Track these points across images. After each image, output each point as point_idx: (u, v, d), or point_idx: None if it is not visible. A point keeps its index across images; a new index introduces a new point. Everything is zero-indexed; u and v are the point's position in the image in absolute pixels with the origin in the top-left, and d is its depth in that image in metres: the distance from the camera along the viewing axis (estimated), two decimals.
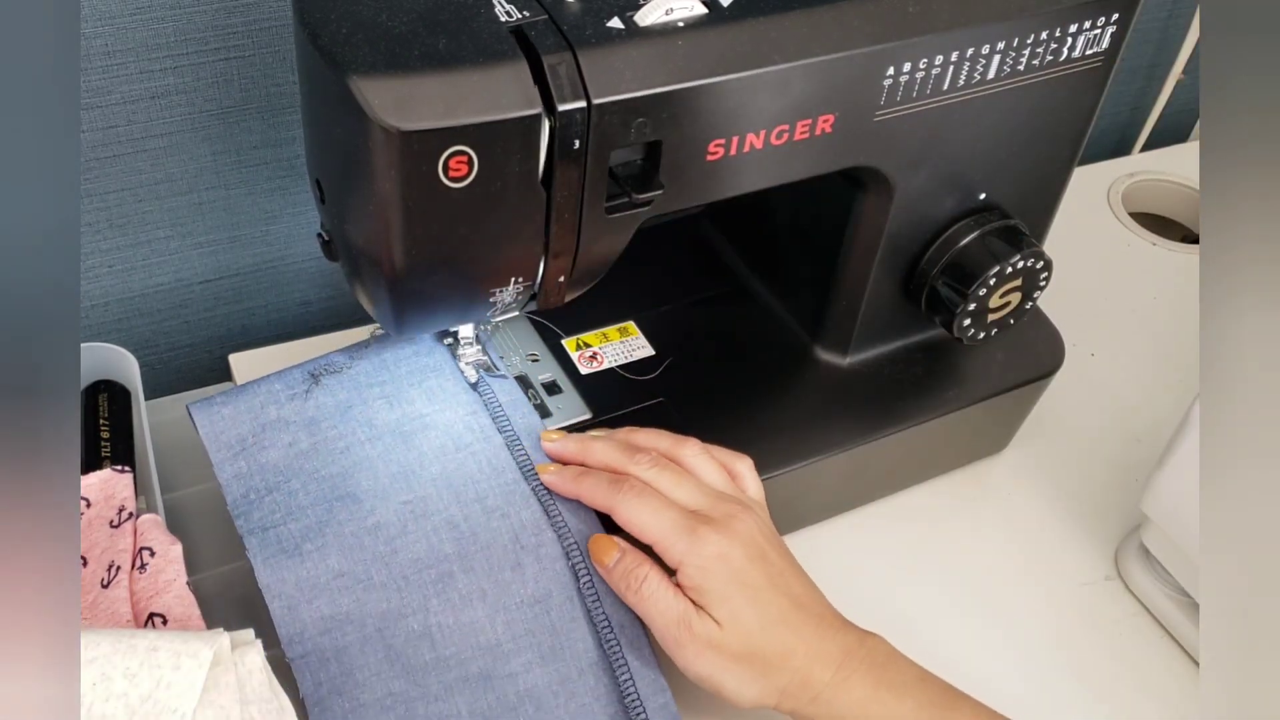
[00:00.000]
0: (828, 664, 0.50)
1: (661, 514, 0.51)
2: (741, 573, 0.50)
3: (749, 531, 0.52)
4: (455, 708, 0.51)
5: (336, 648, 0.52)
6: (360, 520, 0.54)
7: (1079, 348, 0.79)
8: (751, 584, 0.50)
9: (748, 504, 0.54)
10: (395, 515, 0.54)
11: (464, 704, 0.51)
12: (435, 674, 0.52)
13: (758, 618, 0.50)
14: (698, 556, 0.50)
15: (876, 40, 0.50)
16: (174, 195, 0.68)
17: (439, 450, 0.56)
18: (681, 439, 0.56)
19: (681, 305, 0.69)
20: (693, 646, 0.50)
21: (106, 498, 0.56)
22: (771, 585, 0.51)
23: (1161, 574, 0.64)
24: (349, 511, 0.54)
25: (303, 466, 0.55)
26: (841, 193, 0.59)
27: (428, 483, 0.55)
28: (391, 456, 0.56)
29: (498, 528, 0.54)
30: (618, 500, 0.52)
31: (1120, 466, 0.73)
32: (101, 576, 0.53)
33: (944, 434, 0.67)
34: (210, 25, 0.62)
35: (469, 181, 0.45)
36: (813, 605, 0.52)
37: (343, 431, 0.56)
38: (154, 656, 0.44)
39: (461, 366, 0.60)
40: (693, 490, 0.53)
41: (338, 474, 0.55)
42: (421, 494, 0.55)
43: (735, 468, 0.57)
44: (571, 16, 0.46)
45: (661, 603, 0.50)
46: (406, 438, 0.56)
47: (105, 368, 0.66)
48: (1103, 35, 0.56)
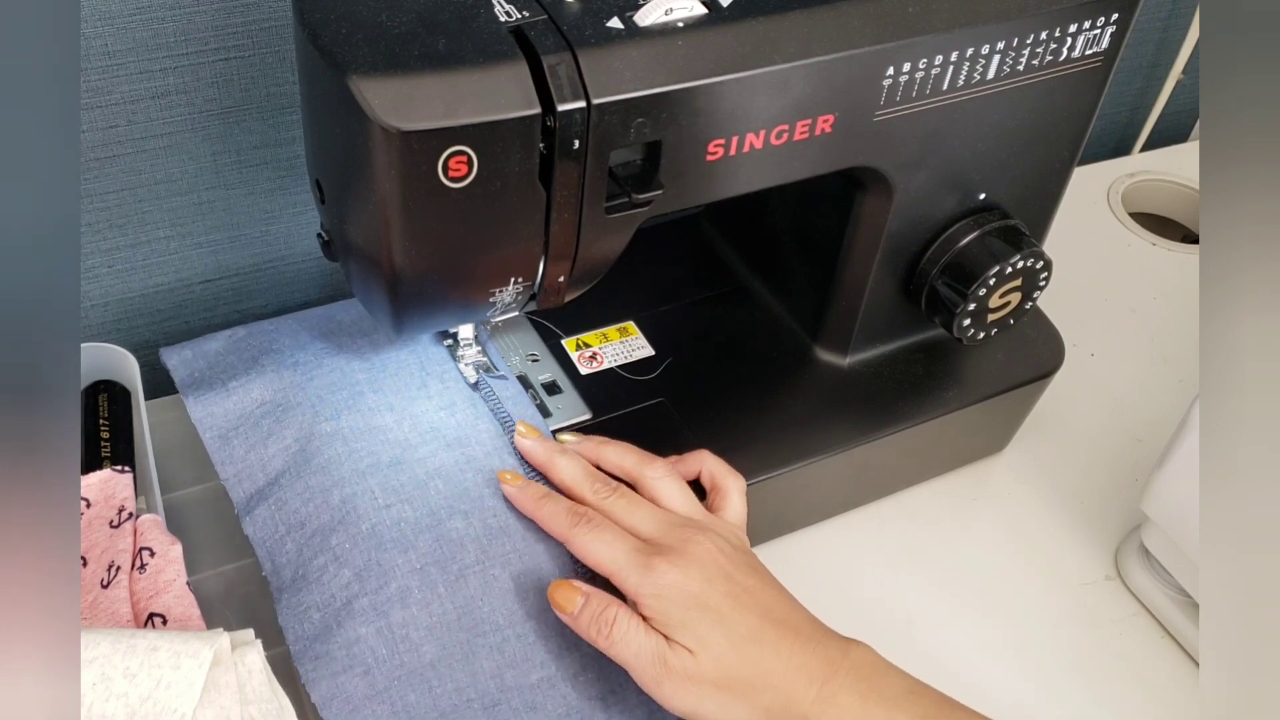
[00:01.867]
0: (811, 679, 0.48)
1: (615, 546, 0.51)
2: (701, 596, 0.49)
3: (706, 554, 0.50)
4: (368, 487, 0.53)
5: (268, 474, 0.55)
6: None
7: (1079, 348, 0.79)
8: (713, 606, 0.49)
9: (707, 526, 0.52)
10: None
11: (375, 484, 0.54)
12: (348, 463, 0.55)
13: (726, 639, 0.48)
14: (653, 587, 0.49)
15: (876, 40, 0.50)
16: (174, 195, 0.68)
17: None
18: (648, 459, 0.56)
19: (681, 305, 0.69)
20: (670, 681, 0.48)
21: (106, 498, 0.56)
22: (737, 604, 0.49)
23: (1161, 574, 0.64)
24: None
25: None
26: (841, 193, 0.59)
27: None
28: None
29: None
30: (573, 534, 0.52)
31: (1120, 466, 0.73)
32: (101, 576, 0.53)
33: (944, 434, 0.67)
34: (210, 25, 0.62)
35: (469, 181, 0.45)
36: (788, 619, 0.50)
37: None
38: (154, 656, 0.44)
39: (461, 367, 0.60)
40: (648, 518, 0.52)
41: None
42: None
43: (723, 484, 0.56)
44: (571, 16, 0.46)
45: (634, 644, 0.49)
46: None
47: (105, 368, 0.66)
48: (1102, 35, 0.56)
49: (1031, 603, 0.66)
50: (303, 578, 0.52)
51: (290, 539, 0.53)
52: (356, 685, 0.49)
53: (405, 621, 0.50)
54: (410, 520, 0.53)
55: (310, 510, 0.54)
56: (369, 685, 0.49)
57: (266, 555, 0.53)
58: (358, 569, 0.51)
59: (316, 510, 0.53)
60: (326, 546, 0.52)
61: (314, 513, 0.53)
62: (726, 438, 0.61)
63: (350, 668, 0.49)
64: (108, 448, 0.62)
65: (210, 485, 0.64)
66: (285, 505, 0.54)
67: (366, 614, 0.50)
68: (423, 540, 0.52)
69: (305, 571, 0.52)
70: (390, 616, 0.50)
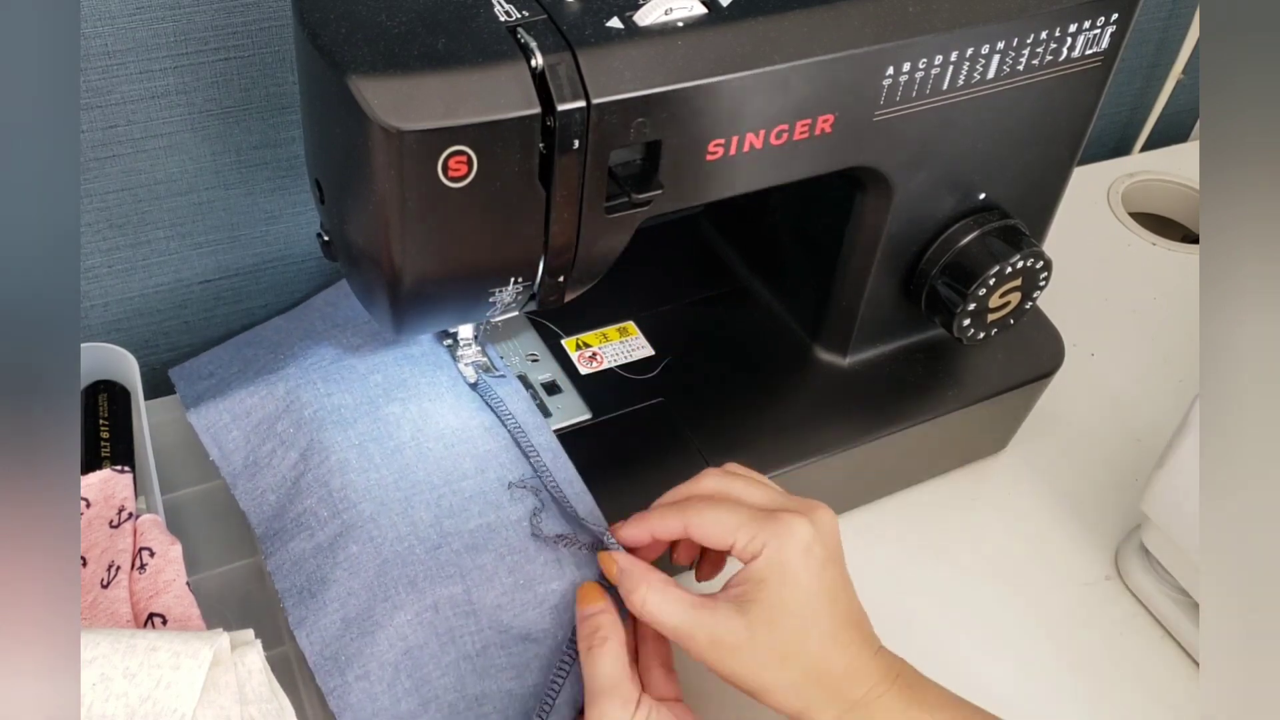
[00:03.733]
0: (863, 681, 0.48)
1: (737, 510, 0.49)
2: (809, 576, 0.48)
3: (831, 526, 0.50)
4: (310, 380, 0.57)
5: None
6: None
7: (1079, 348, 0.79)
8: (812, 592, 0.48)
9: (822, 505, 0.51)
10: None
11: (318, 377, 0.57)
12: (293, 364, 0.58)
13: (799, 629, 0.48)
14: (782, 540, 0.47)
15: (876, 40, 0.50)
16: (174, 195, 0.68)
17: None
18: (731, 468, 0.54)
19: (681, 305, 0.69)
20: (713, 651, 0.48)
21: (106, 498, 0.56)
22: (831, 597, 0.49)
23: (1161, 574, 0.64)
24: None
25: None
26: (841, 193, 0.59)
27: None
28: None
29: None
30: (689, 516, 0.50)
31: (1120, 466, 0.73)
32: (101, 576, 0.53)
33: (944, 434, 0.67)
34: (210, 25, 0.62)
35: (469, 181, 0.45)
36: (862, 624, 0.50)
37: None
38: (154, 656, 0.44)
39: (461, 367, 0.60)
40: (765, 491, 0.51)
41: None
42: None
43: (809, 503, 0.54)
44: (571, 16, 0.46)
45: (667, 607, 0.48)
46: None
47: (105, 368, 0.66)
48: (1102, 35, 0.56)
49: (1031, 603, 0.66)
50: (254, 463, 0.56)
51: (236, 427, 0.57)
52: (303, 547, 0.53)
53: (344, 485, 0.54)
54: (350, 405, 0.57)
55: (255, 401, 0.57)
56: (314, 545, 0.53)
57: (213, 443, 0.57)
58: (302, 449, 0.55)
59: (262, 401, 0.57)
60: (273, 433, 0.56)
61: (259, 403, 0.57)
62: (726, 438, 0.61)
63: (297, 535, 0.53)
64: (108, 448, 0.62)
65: (210, 485, 0.64)
66: (230, 396, 0.58)
67: (311, 487, 0.54)
68: (361, 422, 0.56)
69: (255, 457, 0.56)
70: (330, 484, 0.54)
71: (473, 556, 0.53)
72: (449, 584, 0.52)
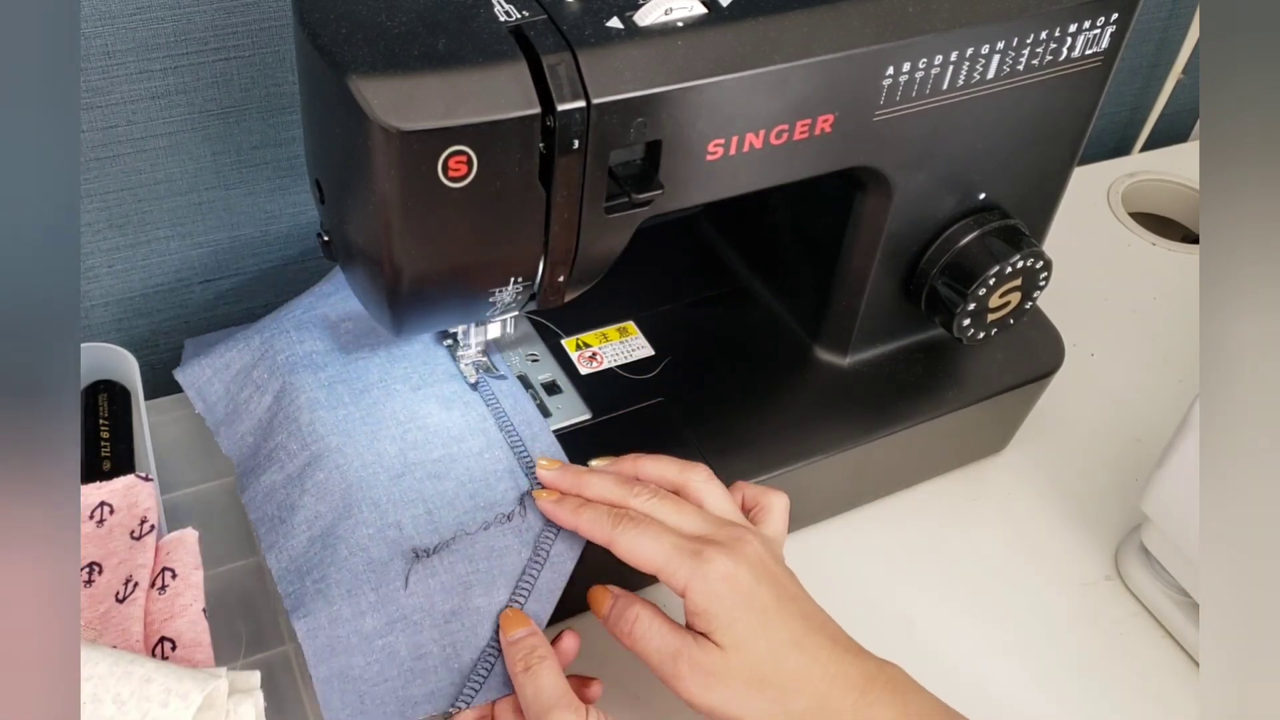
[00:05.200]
0: (849, 689, 0.48)
1: (662, 539, 0.50)
2: (750, 594, 0.49)
3: (756, 554, 0.50)
4: (283, 328, 0.60)
5: None
6: None
7: (1079, 348, 0.79)
8: (760, 605, 0.49)
9: (754, 530, 0.52)
10: None
11: (289, 325, 0.60)
12: (273, 322, 0.61)
13: (766, 641, 0.48)
14: (703, 579, 0.48)
15: (876, 40, 0.50)
16: (174, 195, 0.68)
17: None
18: (689, 465, 0.55)
19: (681, 305, 0.69)
20: (693, 677, 0.48)
21: (129, 505, 0.56)
22: (781, 607, 0.49)
23: (1161, 574, 0.64)
24: None
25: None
26: (841, 193, 0.59)
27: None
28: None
29: None
30: (616, 534, 0.50)
31: (1120, 466, 0.73)
32: (117, 590, 0.52)
33: (944, 434, 0.67)
34: (210, 25, 0.62)
35: (469, 181, 0.45)
36: (826, 627, 0.50)
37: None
38: (146, 688, 0.44)
39: (461, 367, 0.60)
40: (694, 517, 0.52)
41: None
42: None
43: (765, 500, 0.55)
44: (571, 16, 0.46)
45: (656, 639, 0.49)
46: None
47: (105, 368, 0.66)
48: (1102, 35, 0.56)
49: (1031, 603, 0.66)
50: (234, 411, 0.59)
51: (218, 380, 0.60)
52: (274, 479, 0.56)
53: (312, 420, 0.56)
54: (321, 351, 0.60)
55: (234, 354, 0.60)
56: (284, 476, 0.55)
57: (198, 397, 0.60)
58: (275, 392, 0.58)
59: (240, 354, 0.60)
60: (250, 380, 0.59)
61: (237, 356, 0.60)
62: (726, 438, 0.61)
63: (269, 468, 0.56)
64: (108, 448, 0.62)
65: (210, 485, 0.64)
66: (211, 353, 0.61)
67: (282, 424, 0.57)
68: (332, 366, 0.59)
69: (235, 405, 0.60)
70: (299, 420, 0.56)
71: (435, 484, 0.55)
72: (412, 507, 0.54)
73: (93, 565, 0.54)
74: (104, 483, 0.56)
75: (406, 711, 0.50)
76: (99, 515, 0.56)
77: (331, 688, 0.50)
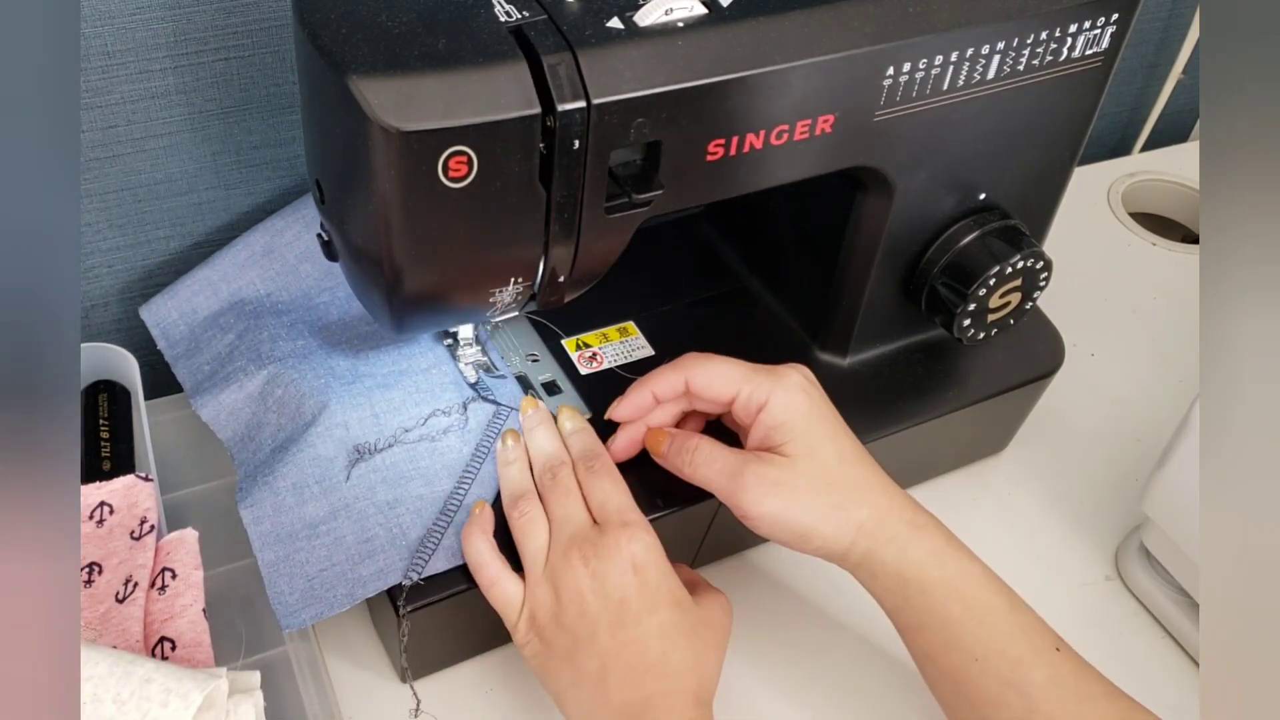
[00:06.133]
0: (904, 507, 0.52)
1: (736, 365, 0.54)
2: (823, 406, 0.53)
3: (811, 375, 0.55)
4: (250, 281, 0.64)
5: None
6: None
7: (1079, 348, 0.79)
8: (830, 417, 0.53)
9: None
10: None
11: (255, 277, 0.64)
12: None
13: (836, 449, 0.52)
14: (785, 390, 0.52)
15: (876, 40, 0.50)
16: (174, 195, 0.68)
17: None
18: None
19: (681, 305, 0.69)
20: (758, 487, 0.51)
21: (129, 505, 0.56)
22: (843, 426, 0.54)
23: (1161, 574, 0.64)
24: None
25: None
26: (841, 193, 0.59)
27: None
28: None
29: None
30: (689, 369, 0.54)
31: (1120, 466, 0.73)
32: (117, 590, 0.53)
33: (944, 434, 0.67)
34: (210, 25, 0.62)
35: (469, 181, 0.45)
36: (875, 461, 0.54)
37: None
38: (146, 689, 0.44)
39: (461, 367, 0.60)
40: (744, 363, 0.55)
41: None
42: None
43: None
44: (571, 16, 0.46)
45: (717, 461, 0.52)
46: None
47: (105, 368, 0.66)
48: (1103, 35, 0.56)
49: (1031, 603, 0.65)
50: (195, 347, 0.63)
51: (184, 322, 0.64)
52: (234, 397, 0.59)
53: (272, 349, 0.60)
54: (286, 301, 0.63)
55: (201, 300, 0.64)
56: (245, 395, 0.59)
57: (161, 335, 0.64)
58: (239, 331, 0.62)
59: (207, 301, 0.64)
60: (215, 324, 0.63)
61: (205, 303, 0.64)
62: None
63: (227, 387, 0.59)
64: (108, 448, 0.62)
65: (210, 485, 0.64)
66: (178, 295, 0.65)
67: (242, 352, 0.60)
68: (295, 310, 0.63)
69: (198, 342, 0.63)
70: (260, 350, 0.60)
71: (383, 393, 0.58)
72: (359, 409, 0.57)
73: (93, 565, 0.54)
74: (104, 483, 0.56)
75: (356, 592, 0.52)
76: (99, 515, 0.56)
77: (278, 572, 0.52)
